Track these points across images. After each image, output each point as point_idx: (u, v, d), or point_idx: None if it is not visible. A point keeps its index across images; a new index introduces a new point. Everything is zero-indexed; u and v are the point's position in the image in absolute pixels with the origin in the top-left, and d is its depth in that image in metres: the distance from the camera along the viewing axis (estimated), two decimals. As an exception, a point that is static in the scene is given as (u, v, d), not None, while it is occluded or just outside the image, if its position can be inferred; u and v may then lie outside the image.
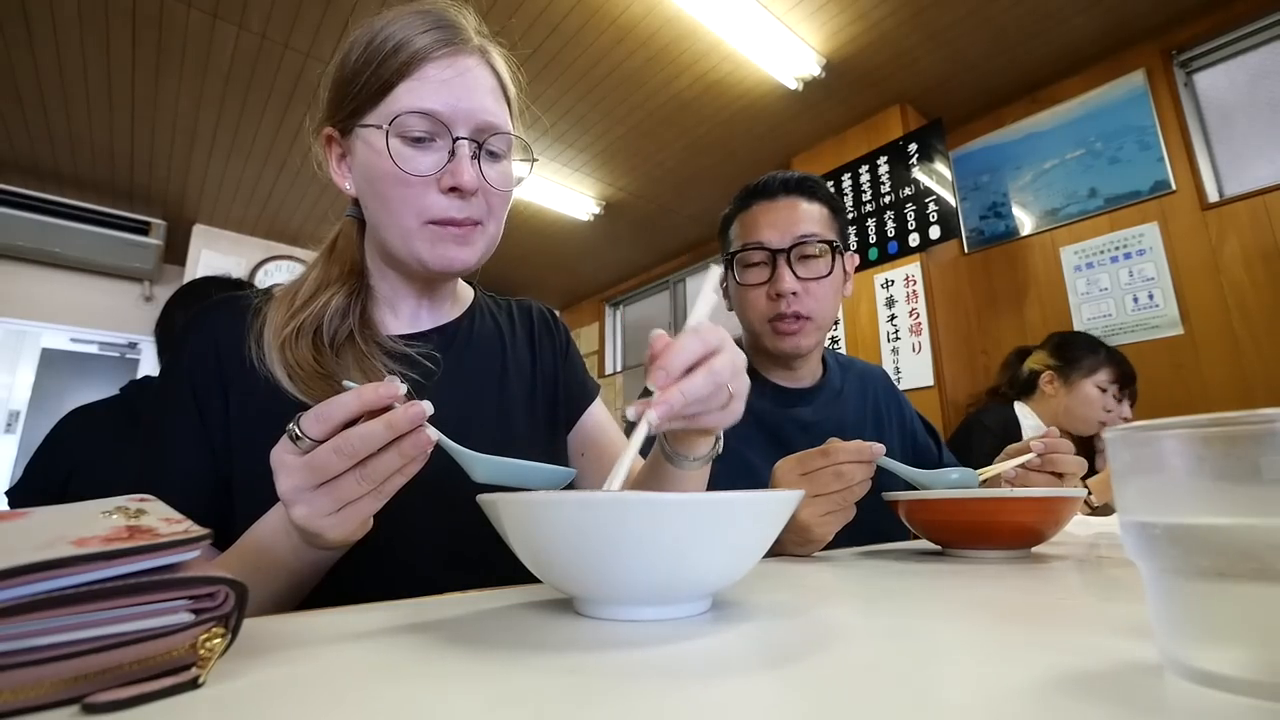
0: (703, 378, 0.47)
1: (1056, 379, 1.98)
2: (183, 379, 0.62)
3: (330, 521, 0.44)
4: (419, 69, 0.61)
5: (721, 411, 0.51)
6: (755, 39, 2.79)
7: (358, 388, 0.43)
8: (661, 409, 0.45)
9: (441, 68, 0.62)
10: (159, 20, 2.66)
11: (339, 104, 0.65)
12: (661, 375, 0.46)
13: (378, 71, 0.61)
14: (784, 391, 1.08)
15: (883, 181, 3.34)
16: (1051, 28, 2.82)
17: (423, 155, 0.61)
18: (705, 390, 0.47)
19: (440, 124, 0.61)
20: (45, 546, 0.25)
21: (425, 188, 0.61)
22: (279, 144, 3.56)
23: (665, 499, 0.34)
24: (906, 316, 3.19)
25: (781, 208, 1.03)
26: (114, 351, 4.87)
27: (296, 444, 0.43)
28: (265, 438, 0.60)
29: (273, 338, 0.61)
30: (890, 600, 0.45)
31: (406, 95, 0.60)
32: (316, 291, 0.65)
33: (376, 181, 0.62)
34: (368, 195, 0.64)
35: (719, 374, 0.48)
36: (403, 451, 0.43)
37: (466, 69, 0.63)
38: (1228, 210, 2.61)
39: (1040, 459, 0.79)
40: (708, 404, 0.49)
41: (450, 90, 0.61)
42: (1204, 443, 0.21)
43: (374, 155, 0.61)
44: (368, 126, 0.62)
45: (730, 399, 0.51)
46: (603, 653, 0.31)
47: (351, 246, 0.71)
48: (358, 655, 0.31)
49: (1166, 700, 0.23)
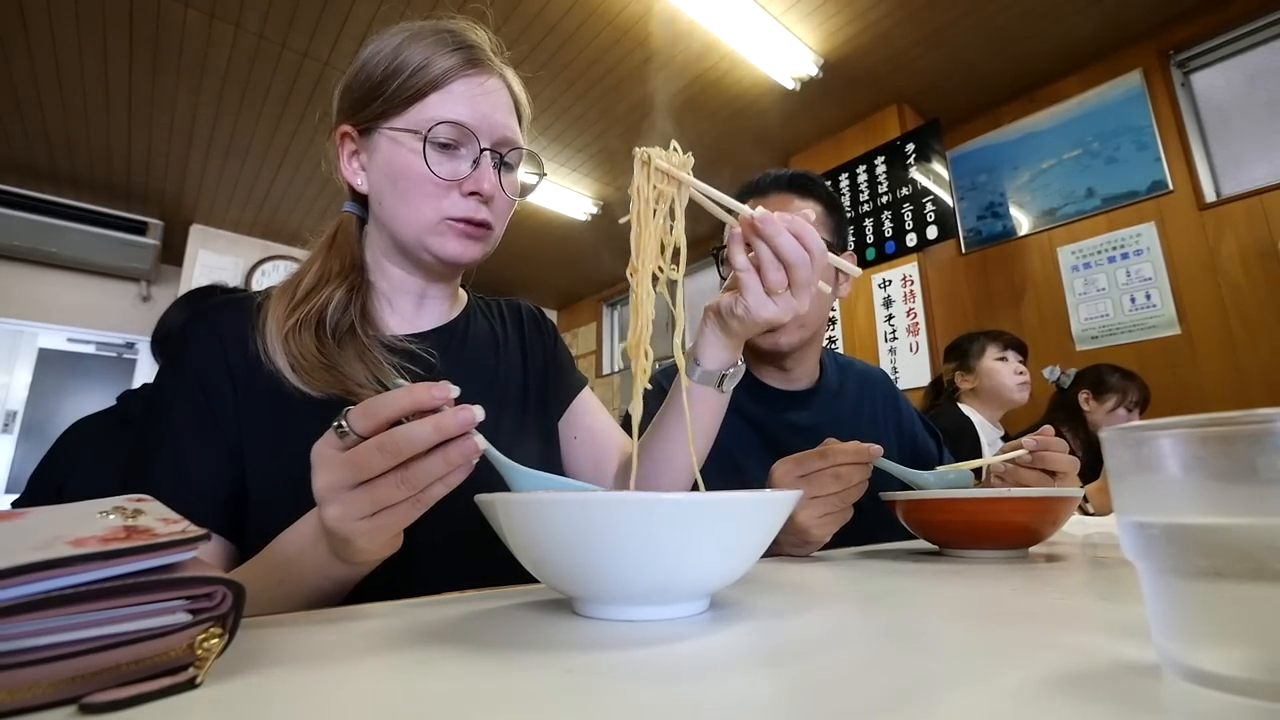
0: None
1: (962, 373, 2.30)
2: (188, 376, 0.62)
3: (363, 526, 0.42)
4: (449, 83, 0.67)
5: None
6: (752, 39, 2.79)
7: (409, 385, 0.42)
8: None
9: (470, 84, 0.68)
10: (156, 20, 2.66)
11: (362, 105, 0.69)
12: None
13: (409, 81, 0.66)
14: (778, 394, 1.06)
15: (880, 182, 3.35)
16: (1049, 27, 2.83)
17: (449, 160, 0.67)
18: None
19: (468, 134, 0.67)
20: (43, 547, 0.25)
21: (448, 189, 0.67)
22: (276, 143, 3.55)
23: (664, 499, 0.34)
24: (904, 317, 3.19)
25: (772, 204, 1.00)
26: (111, 351, 4.86)
27: (341, 438, 0.42)
28: (271, 433, 0.59)
29: (276, 329, 0.63)
30: (887, 600, 0.45)
31: (438, 105, 0.66)
32: (318, 285, 0.68)
33: (401, 179, 0.66)
34: (386, 191, 0.68)
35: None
36: (448, 458, 0.41)
37: (491, 88, 0.70)
38: (1225, 210, 2.62)
39: (1031, 456, 0.79)
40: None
41: (477, 105, 0.68)
42: (1201, 442, 0.21)
43: (403, 155, 0.66)
44: (399, 130, 0.66)
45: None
46: (600, 653, 0.31)
47: (351, 241, 0.73)
48: (356, 655, 0.31)
49: (1163, 700, 0.23)
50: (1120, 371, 2.35)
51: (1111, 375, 2.34)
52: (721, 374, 0.66)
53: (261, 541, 0.51)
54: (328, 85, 3.05)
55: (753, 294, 0.58)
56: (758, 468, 0.77)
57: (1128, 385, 2.31)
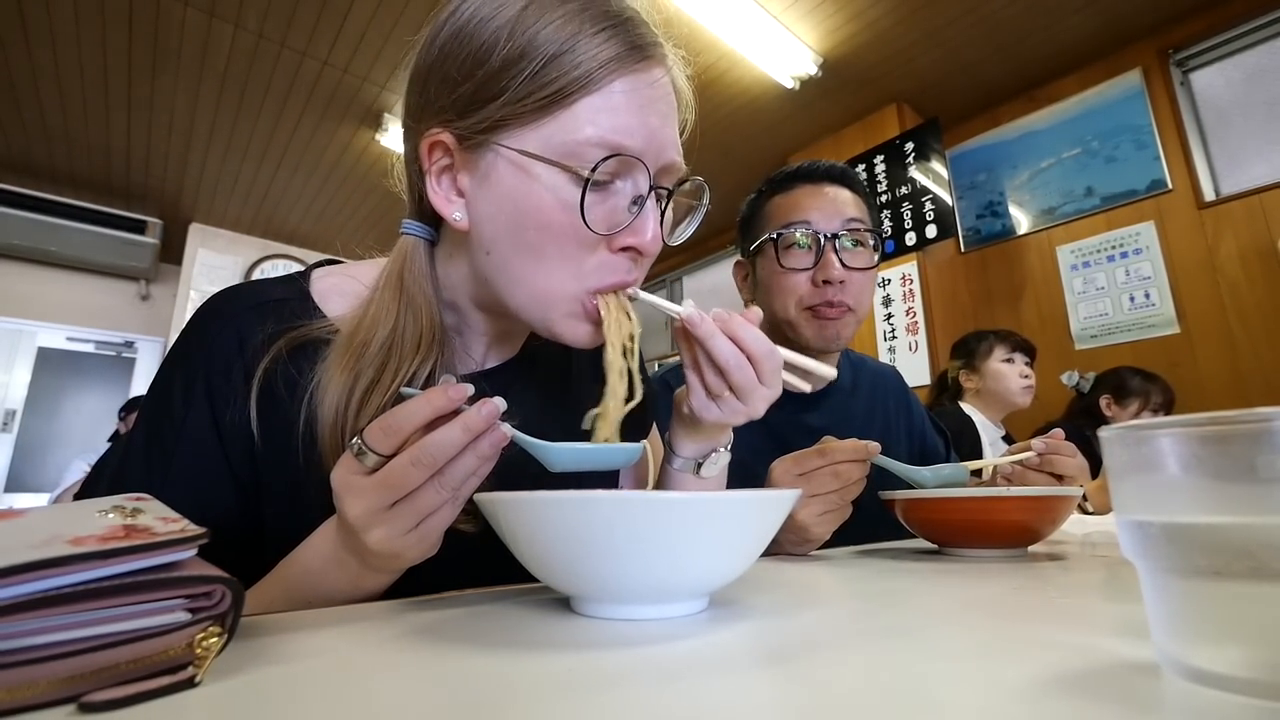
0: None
1: (967, 372, 2.29)
2: (197, 373, 0.52)
3: (411, 539, 0.41)
4: (608, 81, 0.47)
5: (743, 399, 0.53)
6: (752, 38, 2.79)
7: (424, 394, 0.40)
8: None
9: (636, 85, 0.49)
10: (155, 19, 2.65)
11: (470, 104, 0.49)
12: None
13: (545, 74, 0.47)
14: (792, 394, 1.03)
15: (879, 180, 3.35)
16: (1048, 26, 2.83)
17: (603, 200, 0.49)
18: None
19: (628, 163, 0.48)
20: (42, 545, 0.25)
21: (597, 243, 0.50)
22: (275, 142, 3.55)
23: (663, 498, 0.34)
24: (903, 315, 3.19)
25: (828, 192, 0.99)
26: (110, 350, 4.85)
27: (362, 461, 0.40)
28: (286, 443, 0.51)
29: (330, 416, 0.49)
30: (887, 599, 0.45)
31: (591, 119, 0.47)
32: (386, 362, 0.51)
33: (534, 227, 0.48)
34: (503, 238, 0.50)
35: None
36: (480, 452, 0.40)
37: (662, 89, 0.51)
38: (1224, 209, 2.62)
39: (1040, 458, 0.79)
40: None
41: (647, 118, 0.49)
42: (1200, 442, 0.21)
43: (537, 193, 0.48)
44: (534, 157, 0.47)
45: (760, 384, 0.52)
46: (600, 651, 0.31)
47: (424, 285, 0.55)
48: (355, 654, 0.31)
49: (1163, 699, 0.23)
50: (1142, 374, 2.32)
51: (1133, 379, 2.31)
52: (698, 461, 0.61)
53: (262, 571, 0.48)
54: (327, 84, 3.06)
55: (696, 395, 0.54)
56: (764, 466, 0.77)
57: (1150, 388, 2.28)
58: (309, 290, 0.57)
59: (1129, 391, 2.30)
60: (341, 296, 0.57)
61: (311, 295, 0.57)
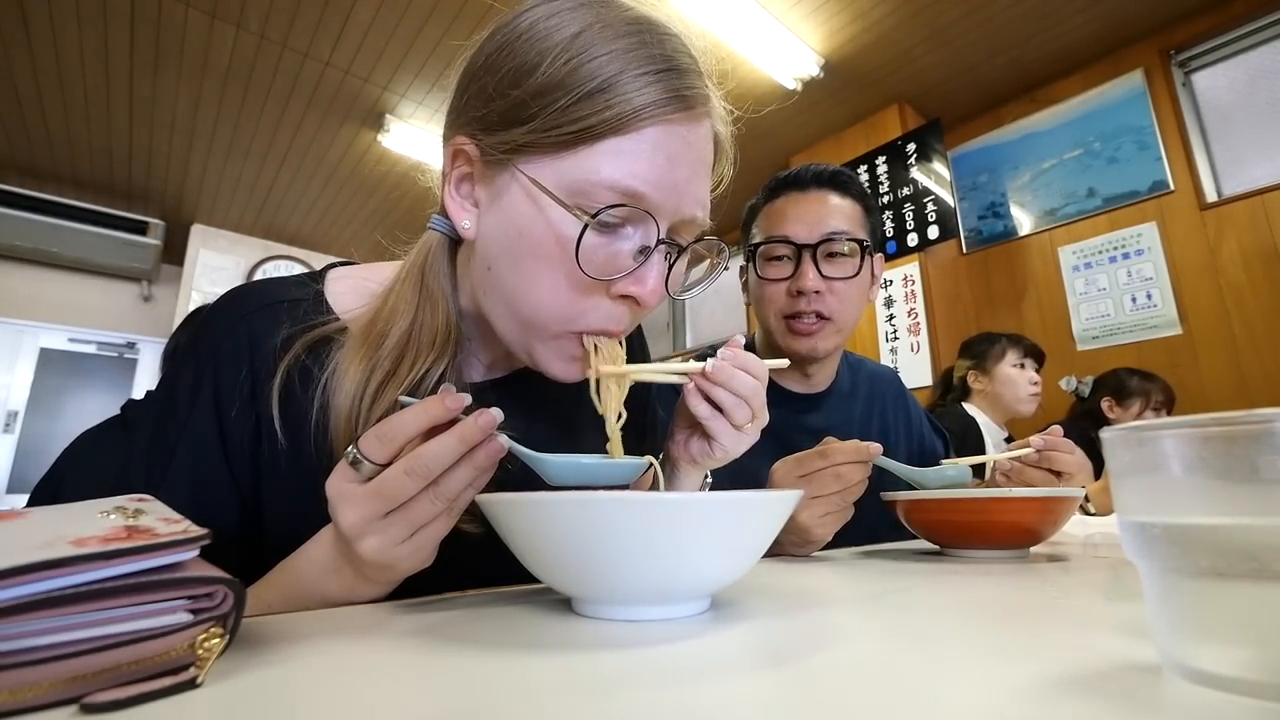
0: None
1: (977, 373, 2.26)
2: (204, 371, 0.51)
3: (405, 550, 0.40)
4: (641, 126, 0.46)
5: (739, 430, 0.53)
6: (754, 39, 2.79)
7: (420, 403, 0.40)
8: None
9: (671, 135, 0.47)
10: (157, 20, 2.66)
11: (499, 121, 0.48)
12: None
13: (581, 107, 0.45)
14: (792, 397, 1.04)
15: (881, 181, 3.35)
16: (1050, 27, 2.83)
17: (607, 244, 0.48)
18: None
19: (641, 211, 0.47)
20: (44, 546, 0.25)
21: (593, 287, 0.48)
22: (277, 143, 3.55)
23: (664, 499, 0.34)
24: (905, 316, 3.19)
25: (811, 200, 0.99)
26: (112, 351, 4.86)
27: (357, 469, 0.39)
28: (299, 438, 0.51)
29: (345, 405, 0.50)
30: (888, 600, 0.45)
31: (612, 162, 0.46)
32: (403, 355, 0.52)
33: (530, 257, 0.48)
34: (503, 258, 0.50)
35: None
36: (475, 464, 0.40)
37: (697, 142, 0.50)
38: (1226, 210, 2.62)
39: (1038, 455, 0.79)
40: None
41: (674, 171, 0.47)
42: (1202, 442, 0.21)
43: (540, 225, 0.47)
44: (544, 190, 0.46)
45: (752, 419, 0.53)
46: (601, 652, 0.31)
47: (444, 281, 0.55)
48: (356, 655, 0.31)
49: (1165, 700, 0.23)
50: (1140, 374, 2.33)
51: (1131, 379, 2.32)
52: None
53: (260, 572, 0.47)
54: (329, 86, 3.06)
55: (727, 437, 0.54)
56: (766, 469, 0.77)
57: (1149, 388, 2.29)
58: (323, 291, 0.57)
59: (1129, 392, 2.31)
60: (357, 297, 0.56)
61: (326, 297, 0.57)
